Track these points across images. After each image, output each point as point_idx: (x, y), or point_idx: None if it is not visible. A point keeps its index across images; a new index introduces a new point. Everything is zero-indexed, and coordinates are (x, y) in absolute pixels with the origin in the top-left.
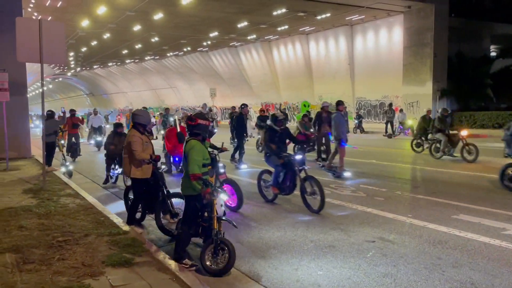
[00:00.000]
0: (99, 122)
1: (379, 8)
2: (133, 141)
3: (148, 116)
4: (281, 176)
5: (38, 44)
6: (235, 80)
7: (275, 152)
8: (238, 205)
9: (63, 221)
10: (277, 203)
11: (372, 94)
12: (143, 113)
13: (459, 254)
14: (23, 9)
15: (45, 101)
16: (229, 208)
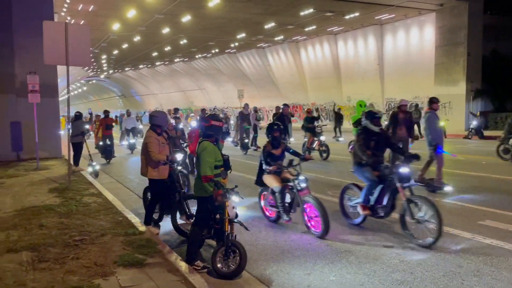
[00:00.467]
0: (132, 124)
1: (409, 6)
2: (149, 142)
3: (165, 117)
4: (375, 193)
5: (64, 47)
6: (262, 81)
7: (371, 162)
8: (324, 230)
9: (82, 221)
10: None
11: (402, 95)
12: (160, 114)
13: (482, 263)
14: (57, 14)
15: (80, 102)
16: (313, 234)
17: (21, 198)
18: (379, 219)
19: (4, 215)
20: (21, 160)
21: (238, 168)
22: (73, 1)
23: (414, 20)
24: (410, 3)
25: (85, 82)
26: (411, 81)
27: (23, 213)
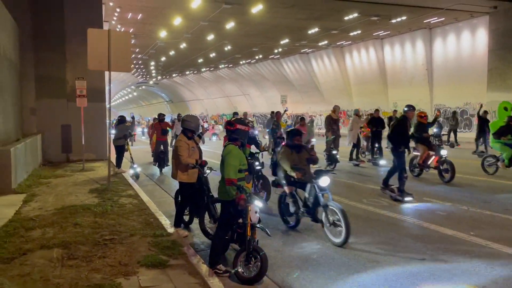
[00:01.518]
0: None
1: (460, 9)
2: (179, 146)
3: (197, 122)
4: None
5: (107, 53)
6: (306, 86)
7: None
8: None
9: (115, 220)
10: None
11: (452, 101)
12: (191, 119)
13: None
14: (108, 22)
15: (131, 107)
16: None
17: (63, 197)
18: None
19: (45, 213)
20: (70, 161)
21: None
22: (123, 10)
23: (465, 24)
24: (461, 5)
25: (135, 88)
26: (462, 87)
27: (62, 211)
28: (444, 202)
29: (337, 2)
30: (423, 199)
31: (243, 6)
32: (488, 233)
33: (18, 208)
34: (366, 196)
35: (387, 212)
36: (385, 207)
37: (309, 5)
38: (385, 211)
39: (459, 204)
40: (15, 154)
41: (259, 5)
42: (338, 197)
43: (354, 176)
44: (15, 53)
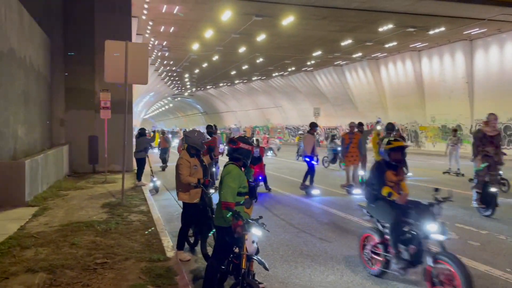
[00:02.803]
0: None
1: (503, 20)
2: (180, 163)
3: (198, 138)
4: None
5: (124, 65)
6: (339, 99)
7: None
8: None
9: (115, 240)
10: (344, 236)
11: None
12: (192, 134)
13: None
14: (141, 35)
15: (167, 118)
16: None
17: (73, 212)
18: None
19: (48, 229)
20: (96, 172)
21: None
22: (155, 23)
23: (509, 35)
24: (504, 16)
25: (172, 99)
26: (506, 102)
27: (65, 228)
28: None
29: (370, 13)
30: (454, 225)
31: (273, 18)
32: None
33: (24, 223)
34: None
35: None
36: None
37: (341, 16)
38: None
39: (496, 233)
40: (31, 166)
41: (290, 17)
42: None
43: None
44: (45, 66)
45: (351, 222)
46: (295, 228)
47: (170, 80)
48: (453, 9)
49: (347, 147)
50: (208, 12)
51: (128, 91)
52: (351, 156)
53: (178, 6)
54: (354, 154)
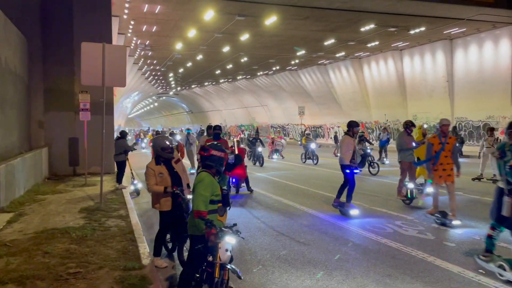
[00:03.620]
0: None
1: (482, 20)
2: (145, 173)
3: (159, 143)
4: None
5: (101, 67)
6: (323, 98)
7: None
8: None
9: (91, 248)
10: (322, 239)
11: (474, 114)
12: (154, 141)
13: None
14: (124, 34)
15: (152, 117)
16: None
17: (49, 218)
18: None
19: (22, 237)
20: (76, 174)
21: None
22: (137, 22)
23: (488, 34)
24: (483, 16)
25: (156, 98)
26: (485, 100)
27: (39, 236)
28: None
29: (352, 13)
30: None
31: (256, 18)
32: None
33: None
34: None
35: (389, 241)
36: (388, 234)
37: (324, 16)
38: (386, 240)
39: (472, 233)
40: (6, 171)
41: (273, 16)
42: (335, 219)
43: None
44: (22, 66)
45: (330, 224)
46: (275, 231)
47: (155, 79)
48: (432, 9)
49: (437, 155)
50: (191, 12)
51: (108, 92)
52: (443, 170)
53: (160, 5)
54: (447, 166)
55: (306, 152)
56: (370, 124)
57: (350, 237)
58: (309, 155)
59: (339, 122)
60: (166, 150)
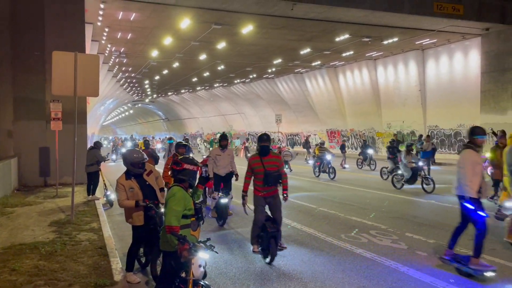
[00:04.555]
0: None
1: (452, 31)
2: (116, 188)
3: (128, 158)
4: None
5: (73, 77)
6: (300, 106)
7: None
8: None
9: (60, 264)
10: (298, 250)
11: (446, 123)
12: (124, 155)
13: None
14: (97, 41)
15: (127, 124)
16: None
17: (17, 233)
18: None
19: None
20: (47, 185)
21: None
22: (112, 30)
23: (458, 45)
24: (453, 27)
25: (132, 106)
26: (455, 109)
27: (6, 252)
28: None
29: (328, 23)
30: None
31: (233, 27)
32: None
33: None
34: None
35: (363, 251)
36: (362, 244)
37: (299, 26)
38: (361, 250)
39: (443, 242)
40: None
41: (249, 26)
42: (313, 230)
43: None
44: None
45: (305, 234)
46: None
47: (130, 87)
48: (404, 20)
49: None
50: (167, 20)
51: (81, 101)
52: None
53: (135, 13)
54: None
55: (321, 165)
56: (345, 132)
57: (325, 247)
58: (324, 168)
59: (315, 130)
60: (137, 166)
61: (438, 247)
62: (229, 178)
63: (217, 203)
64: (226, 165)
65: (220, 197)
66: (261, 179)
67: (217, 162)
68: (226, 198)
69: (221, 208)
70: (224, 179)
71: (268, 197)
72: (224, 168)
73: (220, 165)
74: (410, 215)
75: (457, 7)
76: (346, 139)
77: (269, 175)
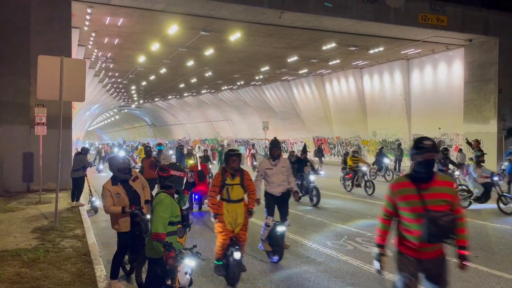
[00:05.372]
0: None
1: (436, 41)
2: (102, 194)
3: (115, 165)
4: None
5: (59, 81)
6: (287, 113)
7: None
8: None
9: (43, 271)
10: (284, 256)
11: (430, 131)
12: (110, 161)
13: None
14: (84, 46)
15: (113, 130)
16: None
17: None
18: None
19: None
20: (30, 191)
21: None
22: (98, 34)
23: (442, 55)
24: (437, 38)
25: (118, 111)
26: (439, 118)
27: None
28: None
29: (314, 32)
30: None
31: (221, 34)
32: None
33: None
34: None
35: (349, 258)
36: (349, 251)
37: (287, 34)
38: (347, 257)
39: None
40: None
41: (237, 33)
42: (299, 237)
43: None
44: None
45: (291, 241)
46: None
47: (116, 92)
48: (390, 30)
49: None
50: (154, 26)
51: (67, 106)
52: None
53: (122, 18)
54: None
55: (355, 178)
56: (332, 140)
57: (312, 254)
58: (359, 182)
59: (302, 137)
60: (123, 172)
61: None
62: (286, 199)
63: (271, 232)
64: (281, 181)
65: (275, 224)
66: (417, 227)
67: (269, 178)
68: (283, 226)
69: (276, 239)
70: (280, 200)
71: (427, 260)
72: (279, 186)
73: (273, 182)
74: None
75: (441, 18)
76: (332, 146)
77: (436, 222)
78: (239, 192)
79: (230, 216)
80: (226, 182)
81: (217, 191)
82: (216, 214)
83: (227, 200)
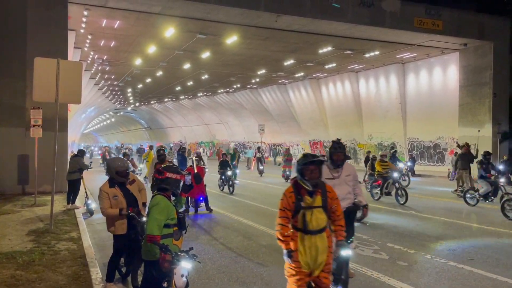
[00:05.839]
0: None
1: (432, 46)
2: (99, 196)
3: (113, 165)
4: None
5: (55, 83)
6: (283, 116)
7: None
8: None
9: (38, 274)
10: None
11: (425, 135)
12: (108, 163)
13: None
14: (80, 48)
15: (109, 133)
16: None
17: None
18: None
19: None
20: (26, 193)
21: None
22: (95, 37)
23: (437, 60)
24: (432, 42)
25: (113, 114)
26: (435, 121)
27: None
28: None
29: (311, 35)
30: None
31: (217, 37)
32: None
33: None
34: None
35: None
36: None
37: (283, 37)
38: None
39: (423, 252)
40: None
41: (234, 36)
42: None
43: None
44: None
45: None
46: (233, 252)
47: (112, 94)
48: (385, 34)
49: None
50: (151, 28)
51: (62, 108)
52: None
53: (119, 21)
54: None
55: (385, 185)
56: (328, 143)
57: None
58: (389, 189)
59: (298, 140)
60: (121, 175)
61: (418, 257)
62: (352, 216)
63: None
64: (346, 194)
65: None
66: None
67: None
68: (348, 249)
69: (340, 263)
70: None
71: None
72: (343, 200)
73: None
74: (391, 225)
75: (436, 22)
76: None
77: None
78: (321, 218)
79: (308, 253)
80: (302, 204)
81: (289, 216)
82: (291, 251)
83: (303, 230)
